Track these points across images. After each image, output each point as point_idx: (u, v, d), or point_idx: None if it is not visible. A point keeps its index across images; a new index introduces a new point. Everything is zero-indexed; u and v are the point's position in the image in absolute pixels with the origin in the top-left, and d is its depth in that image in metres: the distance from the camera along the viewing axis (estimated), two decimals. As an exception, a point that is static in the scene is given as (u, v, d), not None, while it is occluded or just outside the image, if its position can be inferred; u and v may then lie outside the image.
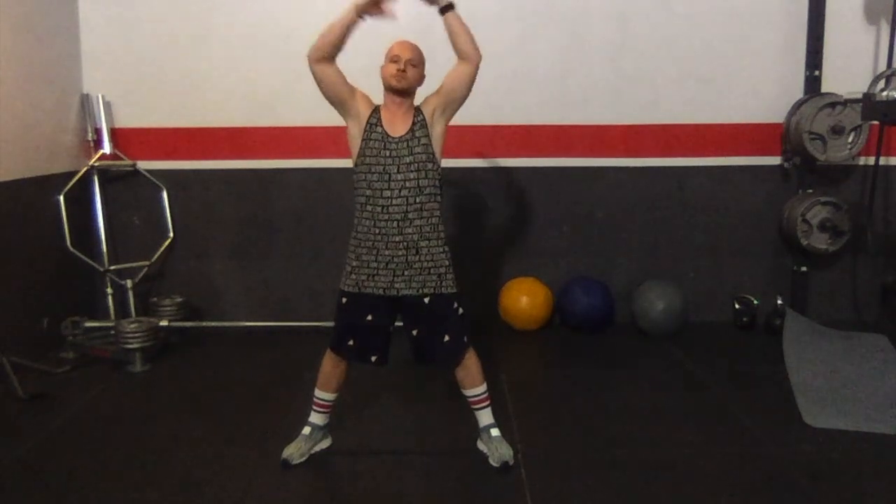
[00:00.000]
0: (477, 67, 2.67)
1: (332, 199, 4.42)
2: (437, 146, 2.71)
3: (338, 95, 2.68)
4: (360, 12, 2.61)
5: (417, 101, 2.76)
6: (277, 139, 4.43)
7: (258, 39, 4.36)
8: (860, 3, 4.30)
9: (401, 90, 2.65)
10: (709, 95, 4.41)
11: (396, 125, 2.68)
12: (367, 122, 2.69)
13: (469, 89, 2.71)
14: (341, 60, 2.70)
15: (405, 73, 2.64)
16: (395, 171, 2.63)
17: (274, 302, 4.56)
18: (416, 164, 2.64)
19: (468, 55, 2.65)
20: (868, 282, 4.52)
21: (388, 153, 2.64)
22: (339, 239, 3.25)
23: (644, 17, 4.36)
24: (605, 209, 4.53)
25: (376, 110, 2.71)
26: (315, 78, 2.66)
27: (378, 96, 2.77)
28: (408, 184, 2.63)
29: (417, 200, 2.64)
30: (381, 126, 2.67)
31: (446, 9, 2.65)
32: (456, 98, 2.71)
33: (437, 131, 2.71)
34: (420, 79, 2.72)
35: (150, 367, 3.85)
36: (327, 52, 2.60)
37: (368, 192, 2.66)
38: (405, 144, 2.65)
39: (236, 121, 4.40)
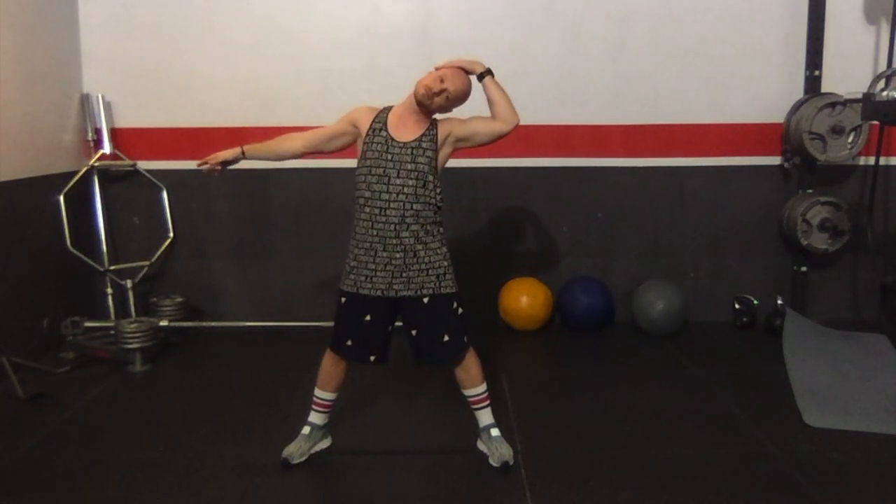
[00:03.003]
0: (511, 129, 2.69)
1: (332, 199, 4.42)
2: (440, 161, 2.71)
3: (347, 140, 2.78)
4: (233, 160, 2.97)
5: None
6: (277, 139, 4.42)
7: (258, 39, 4.36)
8: (860, 3, 4.30)
9: (423, 105, 2.64)
10: (709, 95, 4.41)
11: (404, 131, 2.67)
12: (371, 128, 2.69)
13: (492, 142, 2.74)
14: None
15: (435, 97, 2.62)
16: (395, 175, 2.63)
17: (274, 302, 4.56)
18: (416, 173, 2.63)
19: (504, 119, 2.68)
20: (868, 282, 4.52)
21: (389, 157, 2.64)
22: (338, 239, 3.24)
23: (644, 17, 4.36)
24: (605, 209, 4.53)
25: (381, 114, 2.71)
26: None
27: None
28: (406, 189, 2.62)
29: (414, 207, 2.64)
30: (386, 130, 2.67)
31: (483, 75, 2.70)
32: (475, 141, 2.73)
33: (444, 151, 2.71)
34: (444, 110, 2.71)
35: (150, 367, 3.85)
36: (282, 155, 2.98)
37: (367, 194, 2.66)
38: (409, 151, 2.64)
39: (236, 121, 4.40)
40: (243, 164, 4.40)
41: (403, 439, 3.03)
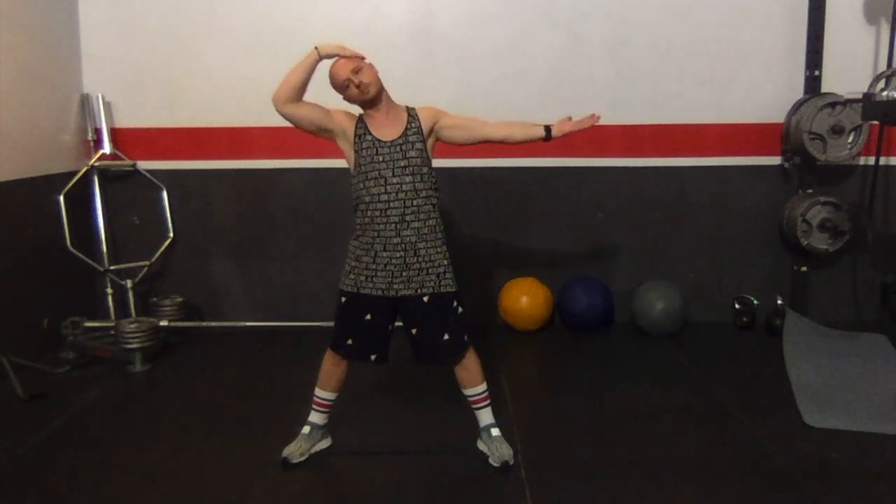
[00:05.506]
0: (496, 141, 2.82)
1: (332, 199, 4.42)
2: (430, 152, 2.73)
3: (316, 126, 2.69)
4: (323, 56, 2.63)
5: (411, 101, 2.77)
6: (277, 139, 4.43)
7: (258, 39, 4.36)
8: (860, 3, 4.30)
9: (374, 97, 2.65)
10: (709, 95, 4.40)
11: (386, 130, 2.68)
12: (355, 134, 2.69)
13: (471, 141, 2.80)
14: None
15: (363, 83, 2.61)
16: (391, 174, 2.64)
17: (274, 302, 4.56)
18: (410, 168, 2.65)
19: (507, 134, 2.81)
20: (868, 282, 4.52)
21: (381, 158, 2.65)
22: (339, 239, 3.24)
23: (644, 17, 4.35)
24: (606, 209, 4.53)
25: (360, 120, 2.71)
26: (287, 120, 2.67)
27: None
28: (404, 187, 2.63)
29: (414, 203, 2.65)
30: (370, 133, 2.68)
31: (548, 135, 2.84)
32: (456, 140, 2.78)
33: (430, 141, 2.74)
34: (375, 73, 2.67)
35: (150, 367, 3.85)
36: (291, 96, 2.61)
37: (367, 198, 2.67)
38: (398, 148, 2.65)
39: (236, 121, 4.40)
40: (243, 164, 4.48)
41: (403, 439, 3.03)
